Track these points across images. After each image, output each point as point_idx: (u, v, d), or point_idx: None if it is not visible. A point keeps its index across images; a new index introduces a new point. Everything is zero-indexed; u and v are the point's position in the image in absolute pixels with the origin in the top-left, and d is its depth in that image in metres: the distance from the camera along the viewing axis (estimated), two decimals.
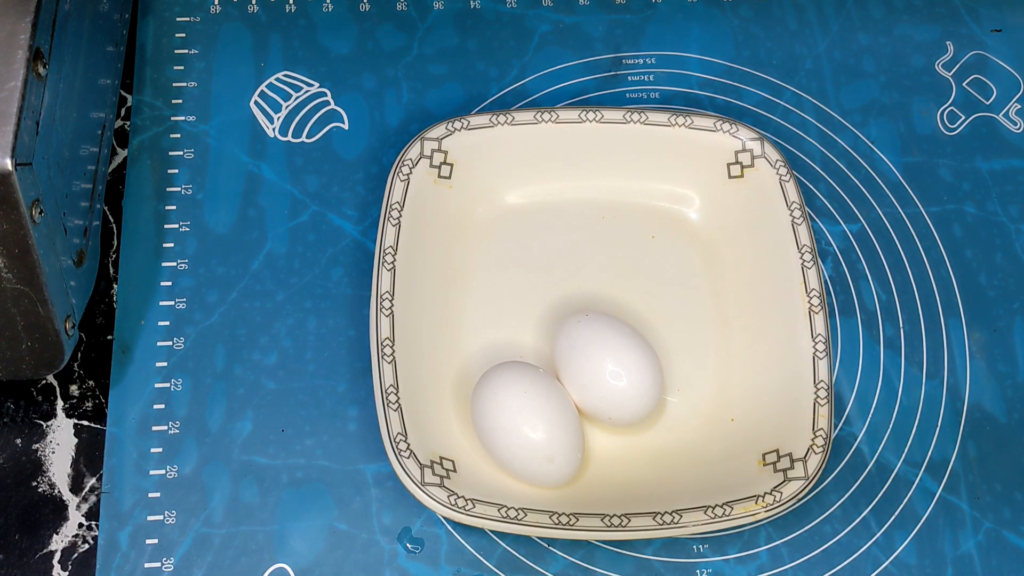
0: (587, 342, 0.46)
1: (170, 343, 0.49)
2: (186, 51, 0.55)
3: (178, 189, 0.52)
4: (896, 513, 0.47)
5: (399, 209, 0.49)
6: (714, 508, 0.44)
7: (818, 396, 0.46)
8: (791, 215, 0.49)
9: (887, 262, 0.52)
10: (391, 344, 0.46)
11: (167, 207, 0.52)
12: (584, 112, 0.51)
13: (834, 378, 0.47)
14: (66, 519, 0.46)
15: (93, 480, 0.47)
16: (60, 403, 0.48)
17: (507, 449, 0.44)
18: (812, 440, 0.45)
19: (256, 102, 0.54)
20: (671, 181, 0.52)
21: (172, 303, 0.50)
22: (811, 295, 0.47)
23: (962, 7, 0.59)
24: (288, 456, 0.47)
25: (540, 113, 0.51)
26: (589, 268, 0.51)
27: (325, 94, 0.55)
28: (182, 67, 0.55)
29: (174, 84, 0.54)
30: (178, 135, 0.53)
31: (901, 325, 0.51)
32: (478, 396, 0.45)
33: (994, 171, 0.55)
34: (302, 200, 0.52)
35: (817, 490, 0.47)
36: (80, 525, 0.46)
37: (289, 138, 0.53)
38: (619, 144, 0.51)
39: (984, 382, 0.50)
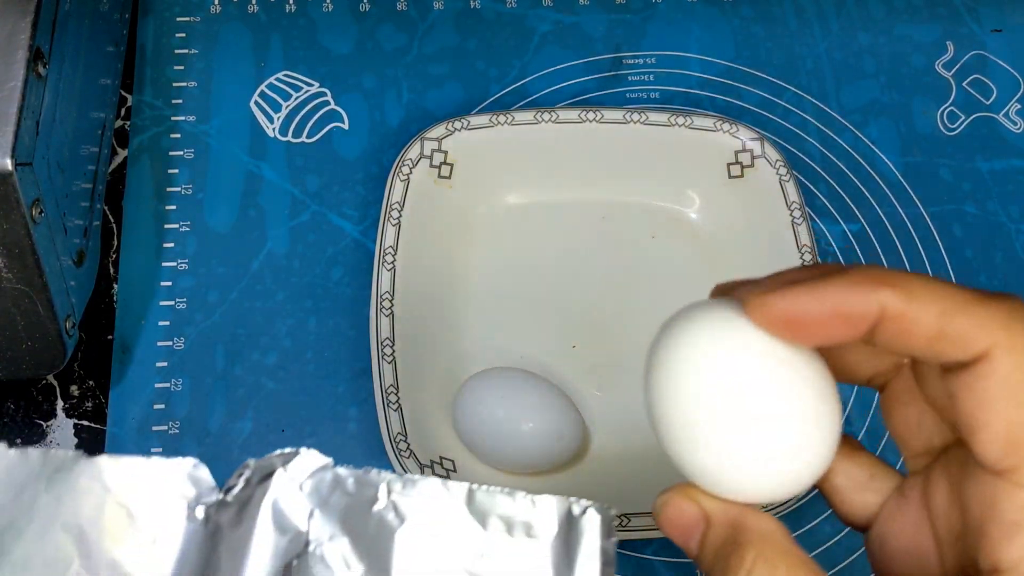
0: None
1: (170, 343, 0.49)
2: (186, 51, 0.55)
3: (178, 189, 0.52)
4: None
5: (399, 209, 0.49)
6: None
7: None
8: (791, 215, 0.49)
9: (887, 262, 0.52)
10: (391, 344, 0.46)
11: (167, 207, 0.52)
12: (584, 112, 0.51)
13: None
14: None
15: None
16: (60, 403, 0.48)
17: (512, 439, 0.44)
18: None
19: (256, 102, 0.54)
20: (671, 181, 0.52)
21: (172, 303, 0.50)
22: None
23: (962, 7, 0.59)
24: None
25: (540, 113, 0.51)
26: (589, 268, 0.51)
27: (325, 94, 0.55)
28: (182, 67, 0.55)
29: (174, 84, 0.54)
30: (178, 135, 0.53)
31: None
32: (469, 402, 0.45)
33: (994, 171, 0.55)
34: (302, 200, 0.52)
35: (817, 490, 0.47)
36: None
37: (289, 138, 0.53)
38: (619, 144, 0.51)
39: None
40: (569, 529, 0.27)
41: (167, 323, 0.49)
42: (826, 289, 0.26)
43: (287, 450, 0.27)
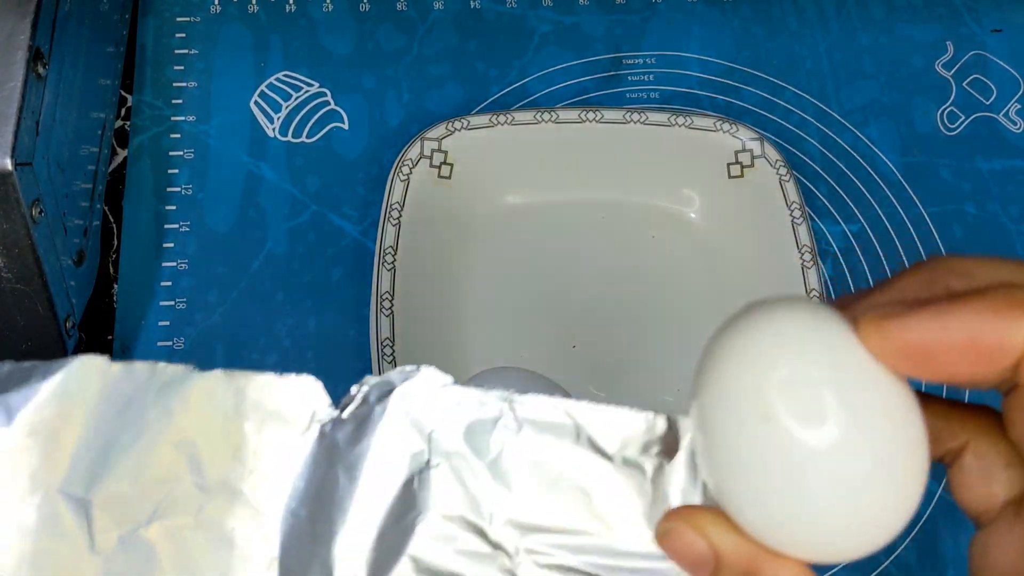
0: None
1: (170, 343, 0.49)
2: (186, 51, 0.55)
3: (178, 189, 0.52)
4: None
5: (399, 209, 0.49)
6: None
7: None
8: (791, 215, 0.49)
9: (887, 262, 0.52)
10: (391, 344, 0.46)
11: (167, 207, 0.52)
12: (584, 112, 0.51)
13: None
14: None
15: None
16: None
17: None
18: None
19: (256, 102, 0.54)
20: (671, 181, 0.52)
21: (172, 303, 0.50)
22: (811, 295, 0.47)
23: (962, 7, 0.59)
24: None
25: (540, 113, 0.51)
26: (589, 268, 0.51)
27: (325, 94, 0.55)
28: (182, 67, 0.55)
29: (174, 84, 0.54)
30: (178, 135, 0.53)
31: None
32: None
33: (994, 171, 0.55)
34: (302, 200, 0.52)
35: None
36: None
37: (289, 138, 0.53)
38: (619, 144, 0.51)
39: None
40: (691, 451, 0.26)
41: (167, 323, 0.49)
42: (958, 315, 0.21)
43: (407, 367, 0.26)
